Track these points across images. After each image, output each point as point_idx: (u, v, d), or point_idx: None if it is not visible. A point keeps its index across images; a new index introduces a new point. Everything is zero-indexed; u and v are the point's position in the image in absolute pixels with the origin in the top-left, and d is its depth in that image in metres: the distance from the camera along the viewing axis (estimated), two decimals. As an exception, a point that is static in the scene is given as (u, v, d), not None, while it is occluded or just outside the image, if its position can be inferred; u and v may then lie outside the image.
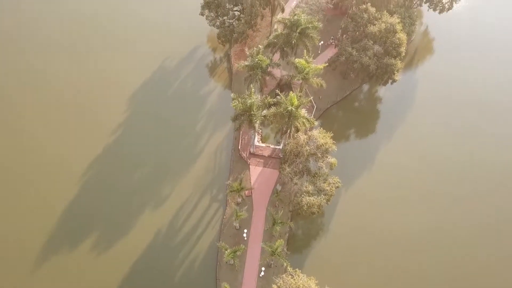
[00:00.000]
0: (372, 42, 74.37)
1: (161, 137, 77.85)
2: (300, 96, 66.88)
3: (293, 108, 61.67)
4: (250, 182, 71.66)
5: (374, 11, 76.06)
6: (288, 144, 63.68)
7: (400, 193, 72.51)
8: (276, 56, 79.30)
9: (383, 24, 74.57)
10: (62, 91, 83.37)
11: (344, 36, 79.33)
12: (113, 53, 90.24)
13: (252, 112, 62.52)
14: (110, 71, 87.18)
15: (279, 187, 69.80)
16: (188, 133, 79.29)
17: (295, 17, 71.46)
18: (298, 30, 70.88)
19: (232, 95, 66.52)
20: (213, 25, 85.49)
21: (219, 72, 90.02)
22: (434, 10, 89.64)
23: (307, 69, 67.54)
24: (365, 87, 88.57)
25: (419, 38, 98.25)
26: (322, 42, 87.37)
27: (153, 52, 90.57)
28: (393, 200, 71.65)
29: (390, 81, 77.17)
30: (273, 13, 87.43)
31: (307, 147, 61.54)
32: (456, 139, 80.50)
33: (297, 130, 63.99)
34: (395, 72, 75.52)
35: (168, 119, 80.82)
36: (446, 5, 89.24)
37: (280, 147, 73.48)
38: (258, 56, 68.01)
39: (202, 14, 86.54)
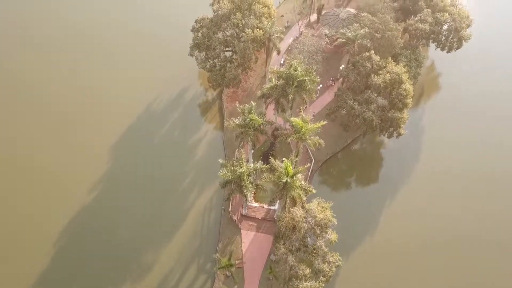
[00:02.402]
0: (376, 94, 67.78)
1: (144, 196, 71.12)
2: (296, 160, 60.50)
3: (288, 179, 55.20)
4: (242, 250, 65.08)
5: (378, 59, 69.43)
6: (282, 219, 57.11)
7: (406, 266, 65.85)
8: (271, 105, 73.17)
9: (387, 75, 67.99)
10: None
11: (344, 84, 72.64)
12: (93, 97, 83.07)
13: (243, 184, 56.00)
14: (92, 116, 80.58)
15: (273, 257, 63.22)
16: (174, 189, 72.54)
17: (291, 69, 64.85)
18: (294, 84, 64.36)
19: (220, 161, 59.91)
20: (203, 68, 78.83)
21: (210, 117, 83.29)
22: (442, 49, 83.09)
23: (303, 129, 61.06)
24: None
25: (424, 72, 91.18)
26: (320, 86, 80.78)
27: (139, 93, 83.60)
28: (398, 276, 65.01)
29: (395, 134, 70.63)
30: (268, 55, 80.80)
31: (304, 224, 55.06)
32: (468, 194, 73.63)
33: (294, 203, 57.43)
34: (401, 125, 69.03)
35: (152, 172, 74.07)
36: (454, 44, 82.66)
37: (276, 207, 66.97)
38: (250, 115, 61.40)
39: (191, 55, 79.94)
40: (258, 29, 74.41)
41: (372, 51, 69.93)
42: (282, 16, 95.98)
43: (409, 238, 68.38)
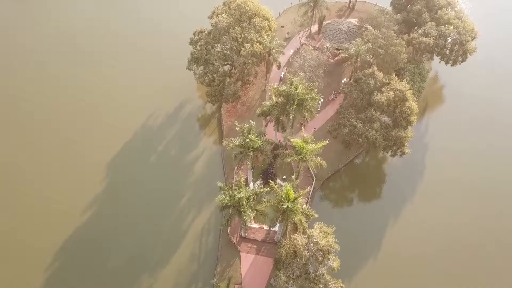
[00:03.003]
0: (379, 112, 65.61)
1: (139, 217, 68.89)
2: (296, 182, 58.37)
3: (289, 205, 53.09)
4: (241, 274, 62.92)
5: (382, 76, 67.28)
6: (283, 246, 54.94)
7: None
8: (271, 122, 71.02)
9: (391, 92, 65.85)
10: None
11: (346, 101, 70.40)
12: (88, 112, 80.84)
13: (242, 209, 53.90)
14: (87, 132, 78.39)
15: (273, 282, 61.09)
16: (171, 209, 70.26)
17: (292, 87, 62.69)
18: (295, 103, 62.22)
19: (219, 183, 57.74)
20: (201, 83, 76.70)
21: (209, 132, 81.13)
22: (446, 63, 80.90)
23: (304, 150, 58.92)
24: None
25: (428, 83, 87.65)
26: (322, 100, 78.63)
27: (136, 108, 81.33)
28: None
29: (399, 153, 68.48)
30: (268, 69, 78.68)
31: (306, 252, 52.92)
32: (476, 210, 71.33)
33: (296, 229, 55.28)
34: (405, 144, 66.88)
35: (149, 191, 71.84)
36: (459, 57, 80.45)
37: (276, 228, 64.79)
38: (249, 136, 59.27)
39: (189, 69, 77.80)
40: (257, 44, 72.35)
41: (375, 68, 67.78)
42: (282, 26, 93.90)
43: (415, 260, 66.30)
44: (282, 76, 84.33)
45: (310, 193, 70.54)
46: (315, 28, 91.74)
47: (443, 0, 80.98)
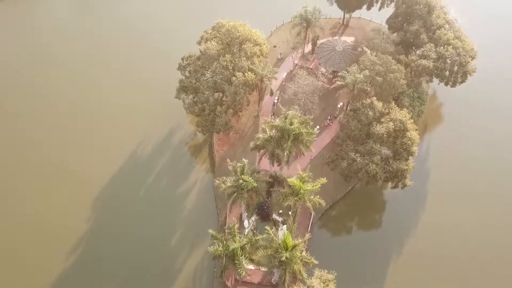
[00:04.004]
0: (379, 144, 62.34)
1: (126, 257, 64.68)
2: (294, 226, 54.98)
3: (287, 255, 49.63)
4: (237, 321, 59.59)
5: (381, 106, 64.00)
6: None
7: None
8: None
9: (391, 123, 62.60)
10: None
11: (344, 132, 66.97)
12: (72, 144, 76.35)
13: (237, 261, 50.35)
14: (71, 164, 73.97)
15: (271, 329, 57.82)
16: (162, 248, 66.31)
17: (287, 122, 59.16)
18: (290, 138, 58.73)
19: (210, 231, 53.99)
20: (191, 113, 72.97)
21: (200, 162, 77.30)
22: (446, 85, 77.93)
23: (302, 190, 55.47)
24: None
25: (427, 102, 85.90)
26: (318, 127, 75.26)
27: (122, 138, 77.24)
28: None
29: (400, 185, 65.32)
30: (261, 96, 75.16)
31: (306, 305, 49.65)
32: (482, 240, 68.68)
33: (295, 278, 51.85)
34: (407, 176, 63.72)
35: (137, 230, 67.55)
36: (459, 79, 77.48)
37: (274, 272, 60.89)
38: (242, 176, 55.68)
39: (178, 98, 74.03)
40: (249, 72, 68.76)
41: (374, 98, 64.48)
42: (274, 46, 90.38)
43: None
44: (276, 101, 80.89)
45: (309, 228, 67.25)
46: (308, 47, 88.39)
47: (441, 19, 78.02)
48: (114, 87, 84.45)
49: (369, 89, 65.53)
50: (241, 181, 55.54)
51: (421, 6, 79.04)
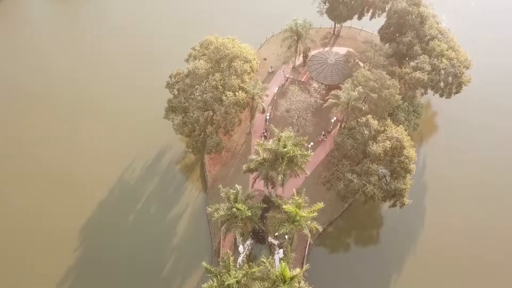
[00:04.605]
0: (376, 164, 60.36)
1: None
2: (292, 256, 52.74)
3: (285, 288, 47.47)
4: None
5: (377, 124, 62.04)
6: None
7: None
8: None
9: (388, 142, 60.70)
10: None
11: (339, 152, 64.91)
12: (58, 169, 73.33)
13: (232, 297, 48.06)
14: (57, 192, 71.13)
15: None
16: (152, 281, 63.51)
17: (280, 144, 56.93)
18: (284, 162, 56.51)
19: (204, 264, 51.38)
20: (181, 134, 70.38)
21: (192, 183, 74.50)
22: (441, 96, 76.35)
23: (298, 217, 53.26)
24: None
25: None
26: (312, 144, 73.26)
27: (111, 162, 74.34)
28: None
29: (398, 204, 63.48)
30: (252, 114, 72.87)
31: None
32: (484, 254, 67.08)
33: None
34: (405, 195, 61.89)
35: (127, 257, 65.13)
36: (453, 89, 75.93)
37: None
38: (236, 205, 53.33)
39: (166, 118, 71.42)
40: (240, 91, 66.44)
41: (369, 116, 62.48)
42: (265, 59, 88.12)
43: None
44: (268, 117, 78.67)
45: (306, 251, 65.18)
46: (299, 59, 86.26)
47: (434, 29, 76.36)
48: (96, 107, 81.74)
49: (364, 107, 63.50)
50: (234, 209, 53.14)
51: (413, 17, 77.29)
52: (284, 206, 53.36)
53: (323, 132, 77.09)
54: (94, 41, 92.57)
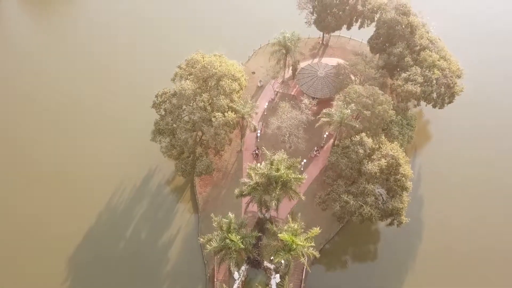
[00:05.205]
0: (372, 184, 58.61)
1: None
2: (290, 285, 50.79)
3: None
4: None
5: (371, 142, 60.29)
6: None
7: None
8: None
9: (383, 160, 59.02)
10: None
11: (333, 169, 63.09)
12: (43, 199, 70.46)
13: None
14: (43, 224, 67.98)
15: None
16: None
17: (273, 168, 54.86)
18: (278, 187, 54.47)
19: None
20: (169, 157, 67.91)
21: (182, 206, 71.92)
22: (434, 107, 74.99)
23: (294, 246, 51.26)
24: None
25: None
26: (305, 161, 71.33)
27: (97, 188, 71.70)
28: None
29: (396, 223, 61.85)
30: (243, 133, 70.72)
31: None
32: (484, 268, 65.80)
33: None
34: (402, 214, 60.30)
35: (119, 289, 63.12)
36: (446, 100, 74.61)
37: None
38: (229, 236, 51.10)
39: (154, 141, 68.86)
40: (230, 112, 64.21)
41: (363, 134, 60.69)
42: (253, 73, 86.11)
43: None
44: (259, 133, 76.58)
45: (303, 274, 63.26)
46: (289, 72, 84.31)
47: (425, 39, 75.02)
48: (89, 130, 79.02)
49: (357, 125, 61.71)
50: (228, 240, 50.93)
51: (403, 27, 75.89)
52: (279, 235, 51.31)
53: (315, 148, 75.26)
54: (78, 60, 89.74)
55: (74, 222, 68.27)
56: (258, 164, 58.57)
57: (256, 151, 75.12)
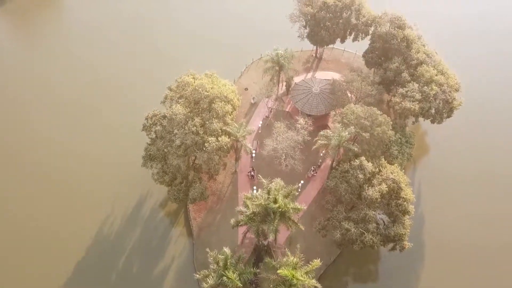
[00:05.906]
0: (372, 210, 56.45)
1: None
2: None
3: None
4: None
5: (371, 166, 58.10)
6: None
7: None
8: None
9: (384, 185, 56.88)
10: None
11: (332, 194, 60.86)
12: (31, 228, 67.28)
13: None
14: (32, 253, 64.86)
15: None
16: None
17: (270, 199, 52.39)
18: (277, 218, 52.03)
19: None
20: (161, 183, 65.09)
21: (176, 234, 69.10)
22: (432, 122, 73.05)
23: (295, 280, 48.86)
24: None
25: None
26: (302, 182, 69.03)
27: (87, 217, 68.77)
28: None
29: (398, 248, 59.78)
30: (237, 156, 68.20)
31: None
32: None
33: None
34: (405, 240, 58.21)
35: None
36: (444, 115, 72.72)
37: None
38: (226, 273, 48.56)
39: (145, 166, 66.04)
40: (223, 135, 61.64)
41: (363, 158, 58.47)
42: (246, 89, 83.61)
43: None
44: (254, 154, 74.10)
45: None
46: (282, 88, 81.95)
47: (421, 53, 73.04)
48: (68, 154, 75.95)
49: (356, 149, 59.51)
50: (225, 278, 48.42)
51: (399, 40, 73.90)
52: (279, 271, 48.89)
53: (312, 168, 72.89)
54: (65, 84, 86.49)
55: (60, 253, 65.43)
56: (255, 192, 56.16)
57: (252, 172, 72.61)
